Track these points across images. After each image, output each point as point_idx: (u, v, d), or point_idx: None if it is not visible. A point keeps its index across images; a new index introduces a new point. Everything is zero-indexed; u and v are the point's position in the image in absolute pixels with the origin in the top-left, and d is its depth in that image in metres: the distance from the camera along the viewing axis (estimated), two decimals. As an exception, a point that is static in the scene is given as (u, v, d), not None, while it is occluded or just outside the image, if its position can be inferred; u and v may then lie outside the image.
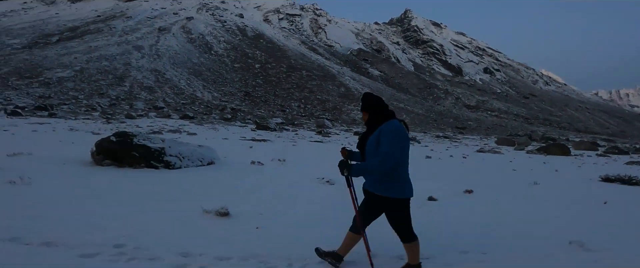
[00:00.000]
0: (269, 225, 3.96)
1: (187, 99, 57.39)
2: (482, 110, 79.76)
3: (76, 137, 13.85)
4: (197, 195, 5.01)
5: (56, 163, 6.59)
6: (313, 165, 9.55)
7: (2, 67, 50.01)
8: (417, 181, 8.02)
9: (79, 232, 3.08)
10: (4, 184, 4.61)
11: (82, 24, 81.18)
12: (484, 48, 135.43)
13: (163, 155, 6.99)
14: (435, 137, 43.44)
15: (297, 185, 6.56)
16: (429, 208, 5.52)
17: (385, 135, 2.65)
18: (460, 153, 20.29)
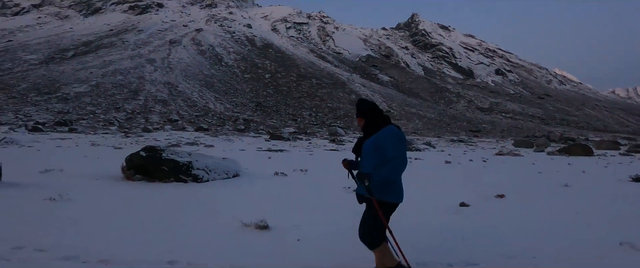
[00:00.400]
0: (309, 237, 3.95)
1: (200, 111, 58.14)
2: (496, 113, 78.70)
3: (99, 152, 14.12)
4: (231, 208, 5.02)
5: (89, 179, 6.71)
6: (335, 175, 9.51)
7: (21, 83, 51.56)
8: (442, 186, 8.10)
9: (131, 249, 3.10)
10: (45, 201, 4.69)
11: (96, 38, 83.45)
12: (494, 49, 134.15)
13: (191, 168, 7.06)
14: (450, 141, 42.92)
15: (326, 195, 6.53)
16: (464, 213, 5.44)
17: (388, 140, 2.66)
18: (479, 157, 19.97)
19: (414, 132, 56.09)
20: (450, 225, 4.64)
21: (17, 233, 3.34)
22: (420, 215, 5.12)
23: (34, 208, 4.38)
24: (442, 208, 5.63)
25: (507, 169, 13.70)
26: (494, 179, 9.72)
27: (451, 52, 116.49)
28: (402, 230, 4.19)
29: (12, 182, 5.85)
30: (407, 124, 63.70)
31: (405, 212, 5.32)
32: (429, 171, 11.84)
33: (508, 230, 4.49)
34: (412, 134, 52.98)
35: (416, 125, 63.38)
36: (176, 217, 4.36)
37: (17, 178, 6.10)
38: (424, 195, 6.78)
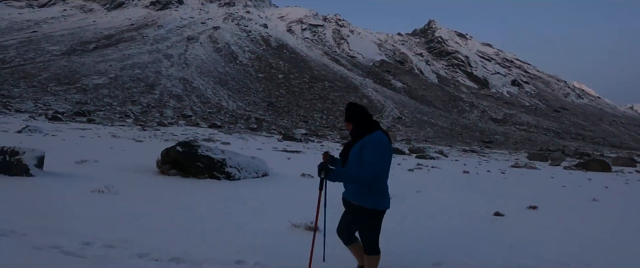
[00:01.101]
0: None
1: (213, 108, 58.66)
2: (510, 124, 77.66)
3: (122, 144, 14.37)
4: (274, 208, 5.09)
5: (125, 171, 6.84)
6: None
7: (42, 73, 52.76)
8: (471, 196, 8.11)
9: (198, 248, 3.14)
10: (93, 193, 4.80)
11: (117, 32, 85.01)
12: (511, 59, 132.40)
13: (224, 166, 7.16)
14: (462, 151, 42.52)
15: None
16: (501, 223, 5.53)
17: (369, 145, 2.63)
18: (494, 168, 19.79)
19: (425, 140, 55.67)
20: (494, 233, 4.72)
21: (80, 228, 3.38)
22: (461, 223, 5.21)
23: (85, 200, 4.46)
24: (478, 217, 5.72)
25: (528, 181, 13.60)
26: (519, 191, 9.74)
27: (467, 60, 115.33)
28: (449, 236, 4.42)
29: (53, 171, 6.01)
30: (418, 132, 63.30)
31: (445, 220, 5.45)
32: (451, 180, 11.81)
33: (551, 239, 4.56)
34: (423, 141, 52.61)
35: (428, 134, 62.90)
36: (229, 214, 4.43)
37: (56, 168, 6.26)
38: (456, 204, 6.86)
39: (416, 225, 4.94)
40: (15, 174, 5.24)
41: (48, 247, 2.82)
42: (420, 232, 4.59)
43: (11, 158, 5.28)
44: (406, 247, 3.87)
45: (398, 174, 12.79)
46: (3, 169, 5.24)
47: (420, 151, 30.72)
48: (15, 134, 16.05)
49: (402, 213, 5.56)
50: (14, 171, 5.24)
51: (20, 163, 5.27)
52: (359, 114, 2.80)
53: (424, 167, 16.73)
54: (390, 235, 4.23)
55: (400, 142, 49.67)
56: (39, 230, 3.08)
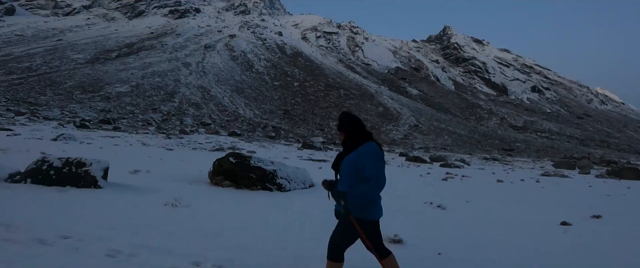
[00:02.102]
0: (447, 251, 3.99)
1: (230, 116, 59.26)
2: (531, 131, 75.89)
3: (157, 153, 14.54)
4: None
5: (181, 183, 6.84)
6: (402, 189, 9.43)
7: (67, 81, 54.35)
8: (526, 206, 7.93)
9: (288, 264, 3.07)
10: (167, 207, 4.74)
11: (138, 41, 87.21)
12: (531, 65, 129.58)
13: (276, 177, 7.09)
14: (483, 159, 41.67)
15: (418, 209, 6.57)
16: (574, 232, 5.46)
17: (368, 158, 2.60)
18: (525, 177, 19.30)
19: (443, 148, 54.87)
20: (575, 243, 4.69)
21: (181, 246, 3.28)
22: (536, 233, 5.18)
23: (165, 215, 4.40)
24: (547, 227, 5.66)
25: (568, 190, 13.26)
26: (568, 200, 9.57)
27: (484, 67, 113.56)
28: (537, 246, 4.37)
29: (115, 182, 6.02)
30: (436, 140, 62.47)
31: (517, 229, 5.37)
32: (491, 190, 11.53)
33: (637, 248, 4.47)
34: (441, 149, 51.88)
35: (445, 141, 62.01)
36: (302, 227, 4.36)
37: (114, 178, 6.30)
38: (514, 214, 6.73)
39: (496, 235, 4.91)
40: (82, 186, 5.24)
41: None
42: (507, 243, 4.57)
43: (78, 169, 5.30)
44: (508, 256, 3.87)
45: (434, 183, 12.55)
46: (71, 181, 5.26)
47: (441, 159, 30.23)
48: (50, 141, 16.44)
49: (469, 223, 5.55)
50: (81, 183, 5.25)
51: (89, 175, 5.28)
52: (352, 123, 2.76)
53: (455, 175, 16.40)
54: (482, 246, 4.27)
55: (419, 150, 49.04)
56: (147, 250, 3.02)
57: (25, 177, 5.18)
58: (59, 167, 5.25)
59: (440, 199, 7.79)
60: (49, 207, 4.09)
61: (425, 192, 9.53)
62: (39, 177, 5.17)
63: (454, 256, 3.84)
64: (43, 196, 4.56)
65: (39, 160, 5.36)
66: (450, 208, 6.82)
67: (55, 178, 5.19)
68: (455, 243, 4.36)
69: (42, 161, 5.32)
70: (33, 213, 3.73)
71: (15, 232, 3.08)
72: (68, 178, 5.26)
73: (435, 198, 7.88)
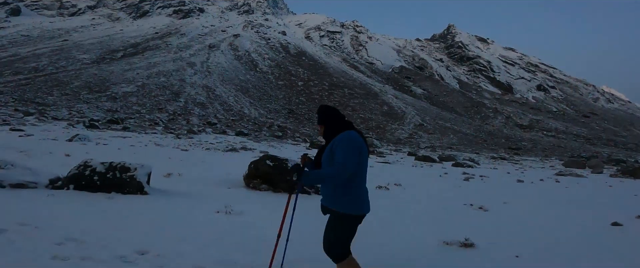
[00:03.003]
0: (522, 253, 3.95)
1: (235, 115, 59.17)
2: (537, 130, 75.53)
3: (174, 154, 14.41)
4: (401, 224, 4.89)
5: (219, 187, 6.69)
6: (433, 190, 9.34)
7: (74, 81, 54.36)
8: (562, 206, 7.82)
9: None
10: (220, 214, 4.59)
11: (143, 41, 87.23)
12: (536, 64, 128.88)
13: (312, 180, 6.95)
14: (491, 158, 41.45)
15: (461, 211, 6.49)
16: (630, 231, 5.37)
17: (338, 145, 2.52)
18: (542, 176, 19.16)
19: (449, 147, 54.65)
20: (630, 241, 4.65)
21: (256, 259, 3.14)
22: (593, 233, 5.15)
23: (224, 224, 4.25)
24: (601, 227, 5.59)
25: (591, 189, 13.25)
26: (600, 200, 9.53)
27: (489, 65, 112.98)
28: (593, 247, 4.31)
29: (156, 187, 5.86)
30: (441, 139, 62.27)
31: (573, 231, 5.29)
32: (519, 190, 11.39)
33: None
34: (447, 148, 51.69)
35: (451, 140, 61.78)
36: (367, 233, 4.24)
37: (152, 183, 6.15)
38: (558, 214, 6.67)
39: (560, 236, 4.88)
40: (128, 192, 5.09)
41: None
42: (574, 243, 4.58)
43: (122, 174, 5.14)
44: (584, 256, 3.90)
45: (459, 184, 12.42)
46: (115, 186, 5.10)
47: (451, 158, 30.05)
48: (66, 142, 16.33)
49: (522, 224, 5.48)
50: (127, 189, 5.10)
51: (135, 181, 5.13)
52: (329, 115, 2.70)
53: (473, 176, 16.24)
54: (554, 247, 4.20)
55: (425, 149, 48.86)
56: (233, 266, 2.87)
57: (68, 183, 5.03)
58: (103, 172, 5.10)
59: (477, 201, 7.69)
60: (107, 218, 3.94)
61: (455, 193, 9.40)
62: (82, 183, 5.02)
63: (532, 258, 3.80)
64: (94, 204, 4.41)
65: (81, 165, 5.21)
66: (493, 210, 6.78)
67: (99, 184, 5.04)
68: (526, 245, 4.29)
69: (85, 166, 5.17)
70: (96, 226, 3.59)
71: (89, 248, 2.95)
72: (113, 184, 5.10)
73: (471, 199, 7.79)
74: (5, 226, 3.27)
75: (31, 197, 4.47)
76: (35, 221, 3.51)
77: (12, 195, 4.47)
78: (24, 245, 2.88)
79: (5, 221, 3.41)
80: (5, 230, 3.15)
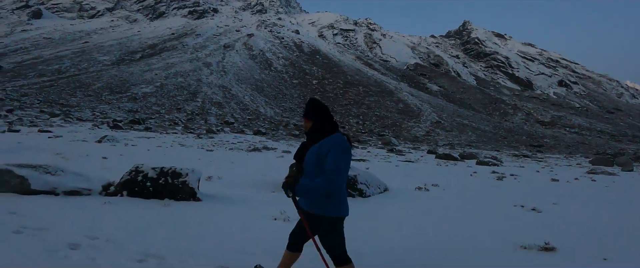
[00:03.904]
0: (610, 255, 3.77)
1: (252, 114, 59.49)
2: (559, 127, 73.49)
3: (201, 154, 14.45)
4: (473, 225, 4.70)
5: (263, 190, 6.59)
6: (470, 190, 9.05)
7: (95, 82, 55.59)
8: (608, 206, 7.46)
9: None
10: (277, 221, 4.42)
11: (160, 42, 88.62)
12: (557, 59, 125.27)
13: (356, 182, 6.77)
14: (513, 156, 40.45)
15: (513, 213, 6.32)
16: None
17: (332, 150, 2.46)
18: (576, 175, 18.48)
19: (468, 144, 53.66)
20: None
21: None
22: None
23: (284, 232, 4.06)
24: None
25: (633, 187, 12.70)
26: None
27: (507, 61, 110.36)
28: None
29: (203, 192, 5.77)
30: (459, 136, 61.24)
31: None
32: (560, 190, 10.94)
33: None
34: (466, 146, 50.76)
35: (469, 138, 60.68)
36: (437, 235, 4.08)
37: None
38: (614, 214, 6.38)
39: None
40: (181, 198, 4.99)
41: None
42: None
43: (174, 180, 5.06)
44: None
45: (495, 184, 12.06)
46: (168, 193, 5.01)
47: (472, 156, 29.42)
48: (95, 143, 16.57)
49: (587, 225, 5.23)
50: (179, 195, 5.00)
51: (187, 186, 5.04)
52: (320, 112, 2.62)
53: (504, 174, 15.78)
54: None
55: (444, 147, 48.10)
56: None
57: (121, 189, 4.98)
58: (155, 178, 5.03)
59: (524, 201, 7.44)
60: (173, 229, 3.82)
61: (495, 193, 9.11)
62: (136, 189, 4.96)
63: (621, 260, 3.64)
64: (153, 213, 4.31)
65: (132, 171, 5.15)
66: (546, 212, 6.57)
67: (152, 190, 4.97)
68: (609, 247, 4.09)
69: (136, 171, 5.11)
70: (167, 239, 3.49)
71: (173, 266, 2.85)
72: (165, 190, 5.02)
73: (518, 200, 7.54)
74: (77, 239, 3.19)
75: (88, 205, 4.41)
76: (103, 233, 3.42)
77: (69, 203, 4.42)
78: (105, 262, 2.78)
79: (74, 234, 3.34)
80: (79, 245, 3.07)
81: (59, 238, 3.14)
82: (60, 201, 4.42)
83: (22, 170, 4.58)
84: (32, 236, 3.17)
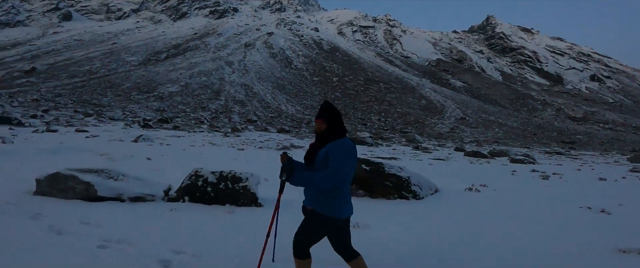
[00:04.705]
0: None
1: (273, 112, 59.81)
2: (592, 123, 70.31)
3: (235, 154, 14.49)
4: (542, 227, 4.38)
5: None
6: (524, 191, 8.66)
7: (124, 82, 57.27)
8: None
9: None
10: (353, 229, 4.26)
11: (183, 41, 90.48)
12: (588, 53, 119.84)
13: (410, 184, 6.54)
14: (545, 153, 38.93)
15: (583, 216, 5.99)
16: None
17: (339, 150, 2.52)
18: (619, 175, 17.51)
19: (495, 141, 52.06)
20: None
21: None
22: None
23: (367, 242, 3.87)
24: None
25: None
26: None
27: (535, 56, 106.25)
28: None
29: (262, 197, 5.65)
30: (485, 133, 59.57)
31: None
32: (612, 190, 10.33)
33: None
34: (493, 143, 49.27)
35: (496, 134, 58.93)
36: (532, 237, 3.83)
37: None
38: None
39: None
40: (242, 204, 4.89)
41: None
42: None
43: (234, 185, 4.96)
44: None
45: (544, 183, 11.58)
46: (229, 198, 4.91)
47: (503, 154, 28.44)
48: (132, 143, 16.94)
49: None
50: (241, 201, 4.90)
51: (248, 192, 4.94)
52: (335, 116, 2.69)
53: (546, 173, 15.11)
54: None
55: (470, 143, 46.89)
56: None
57: (182, 195, 4.92)
58: (215, 183, 4.95)
59: (586, 202, 7.07)
60: (249, 239, 3.69)
61: (550, 194, 8.71)
62: (197, 195, 4.89)
63: None
64: (221, 221, 4.20)
65: (192, 175, 5.09)
66: (615, 213, 6.24)
67: (213, 195, 4.89)
68: None
69: (196, 176, 5.04)
70: (248, 250, 3.36)
71: None
72: (226, 195, 4.93)
73: (577, 201, 7.16)
74: (165, 255, 3.09)
75: (156, 213, 4.35)
76: (188, 247, 3.32)
77: (138, 211, 4.37)
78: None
79: (159, 248, 3.24)
80: (170, 262, 2.96)
81: (146, 254, 3.06)
82: (128, 209, 4.38)
83: (86, 175, 4.58)
84: (119, 251, 3.10)
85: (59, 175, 4.51)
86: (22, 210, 4.01)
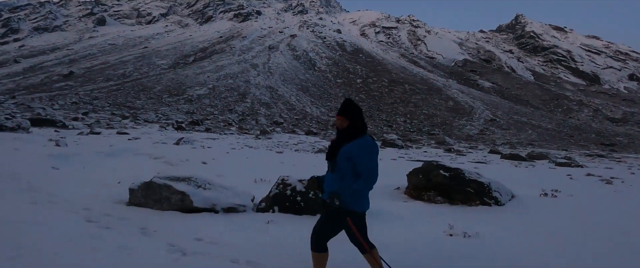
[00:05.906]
0: None
1: (298, 114, 59.96)
2: (632, 124, 66.69)
3: (275, 157, 14.42)
4: None
5: (392, 200, 6.20)
6: (596, 198, 8.13)
7: (156, 86, 58.98)
8: None
9: None
10: (453, 237, 4.05)
11: (210, 45, 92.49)
12: (626, 52, 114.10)
13: (491, 190, 6.21)
14: (586, 156, 37.06)
15: None
16: None
17: (366, 150, 2.63)
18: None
19: (529, 143, 50.11)
20: None
21: None
22: None
23: (472, 253, 3.70)
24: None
25: None
26: None
27: (569, 55, 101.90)
28: None
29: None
30: (518, 134, 57.51)
31: None
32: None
33: None
34: (527, 145, 47.41)
35: (529, 136, 56.79)
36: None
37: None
38: None
39: None
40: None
41: None
42: None
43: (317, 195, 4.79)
44: None
45: (611, 188, 10.91)
46: (319, 207, 4.74)
47: (541, 156, 27.37)
48: (174, 146, 17.20)
49: None
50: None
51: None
52: (358, 113, 2.74)
53: (601, 177, 14.29)
54: None
55: (502, 145, 45.29)
56: None
57: (272, 205, 4.78)
58: (304, 192, 4.80)
59: None
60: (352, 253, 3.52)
61: (629, 200, 8.18)
62: (286, 204, 4.74)
63: None
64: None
65: (280, 184, 4.96)
66: None
67: (303, 205, 4.74)
68: None
69: (283, 184, 4.91)
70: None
71: None
72: (316, 204, 4.76)
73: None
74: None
75: (255, 225, 4.17)
76: (299, 263, 3.19)
77: (236, 223, 4.20)
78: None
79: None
80: None
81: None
82: (227, 221, 4.23)
83: (180, 184, 4.51)
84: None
85: (153, 184, 4.46)
86: (127, 224, 3.91)
